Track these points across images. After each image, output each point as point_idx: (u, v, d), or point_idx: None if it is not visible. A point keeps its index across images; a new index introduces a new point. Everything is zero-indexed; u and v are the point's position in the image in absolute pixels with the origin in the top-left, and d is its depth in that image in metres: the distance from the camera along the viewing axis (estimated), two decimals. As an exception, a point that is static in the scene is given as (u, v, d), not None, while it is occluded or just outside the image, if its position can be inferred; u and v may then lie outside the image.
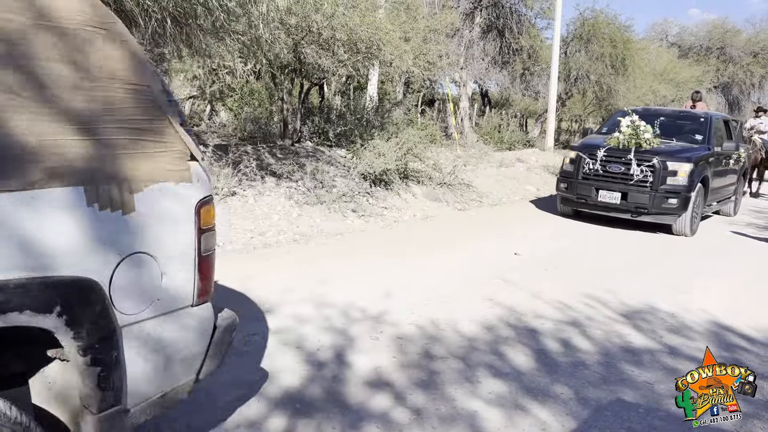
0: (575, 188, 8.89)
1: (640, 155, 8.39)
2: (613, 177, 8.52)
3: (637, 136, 8.60)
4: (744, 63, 31.50)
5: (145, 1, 5.92)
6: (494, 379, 3.58)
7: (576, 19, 20.54)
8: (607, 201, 8.50)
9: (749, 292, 5.93)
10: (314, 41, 9.08)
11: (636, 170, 8.28)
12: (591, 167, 8.69)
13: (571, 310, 4.93)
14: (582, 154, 8.85)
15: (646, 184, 8.27)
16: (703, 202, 8.82)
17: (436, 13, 15.23)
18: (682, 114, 10.56)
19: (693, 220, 8.47)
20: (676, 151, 8.69)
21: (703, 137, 9.32)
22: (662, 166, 8.23)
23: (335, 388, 3.32)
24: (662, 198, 8.21)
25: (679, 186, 8.23)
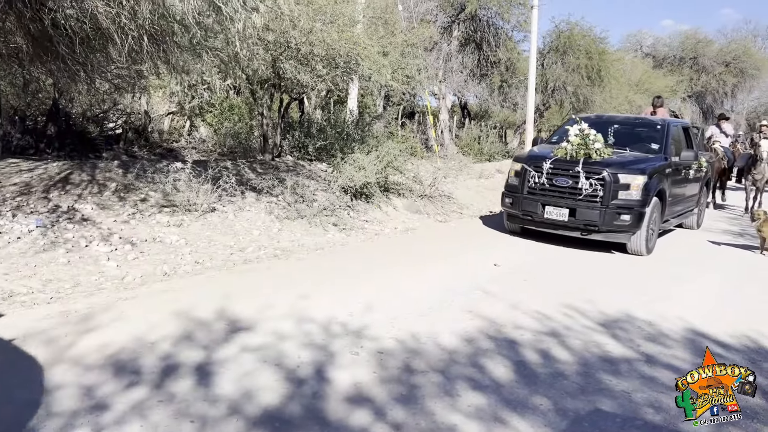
0: (520, 204, 8.10)
1: (589, 167, 7.62)
2: (561, 191, 7.76)
3: (587, 147, 7.83)
4: (716, 72, 32.13)
5: (121, 19, 5.91)
6: (474, 392, 3.60)
7: (552, 31, 20.81)
8: (554, 218, 7.72)
9: (725, 299, 6.03)
10: (293, 56, 9.12)
11: (584, 184, 7.52)
12: (537, 181, 7.91)
13: (550, 321, 4.97)
14: (527, 167, 8.05)
15: (595, 199, 7.51)
16: (660, 217, 8.16)
17: (414, 27, 15.37)
18: (637, 121, 9.88)
19: (649, 238, 7.76)
20: (628, 162, 7.92)
21: (659, 146, 8.56)
22: (613, 179, 7.49)
23: (315, 405, 3.32)
24: (614, 214, 7.44)
25: (632, 201, 7.49)
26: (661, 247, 8.51)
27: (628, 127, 9.26)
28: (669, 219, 8.78)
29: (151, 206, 7.40)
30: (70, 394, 3.26)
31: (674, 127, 9.22)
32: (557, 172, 7.80)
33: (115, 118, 12.40)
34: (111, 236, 6.33)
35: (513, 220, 8.53)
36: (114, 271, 5.50)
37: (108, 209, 7.11)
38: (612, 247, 7.94)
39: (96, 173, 8.19)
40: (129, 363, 3.66)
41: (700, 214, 10.52)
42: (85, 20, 5.81)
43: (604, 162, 7.70)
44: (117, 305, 4.65)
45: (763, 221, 8.24)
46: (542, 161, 7.93)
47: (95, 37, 6.34)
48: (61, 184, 7.59)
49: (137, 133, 11.97)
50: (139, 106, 12.25)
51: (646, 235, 7.61)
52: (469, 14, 18.60)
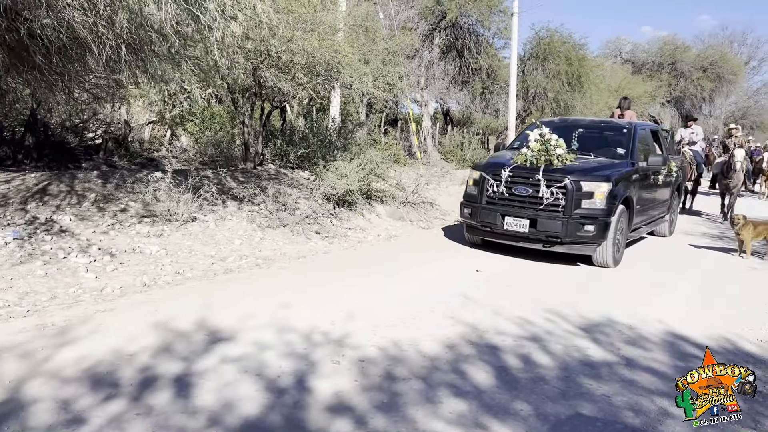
0: (479, 214, 7.58)
1: (550, 175, 7.11)
2: (521, 201, 7.26)
3: (548, 152, 7.33)
4: (694, 78, 32.64)
5: (98, 29, 5.87)
6: (455, 399, 3.60)
7: (532, 38, 21.04)
8: (514, 229, 7.21)
9: (703, 302, 6.09)
10: (273, 65, 9.11)
11: (545, 193, 7.02)
12: (495, 190, 7.39)
13: (531, 326, 4.99)
14: (486, 175, 7.54)
15: (557, 209, 7.01)
16: (628, 226, 7.74)
17: (395, 35, 15.44)
18: (603, 125, 9.34)
19: (616, 249, 7.33)
20: (592, 168, 7.42)
21: (626, 151, 8.07)
22: (575, 186, 7.00)
23: (296, 415, 3.30)
24: (577, 225, 6.96)
25: (596, 210, 7.01)
26: (641, 250, 8.59)
27: (594, 131, 8.80)
28: (638, 227, 8.37)
29: (131, 216, 7.33)
30: (46, 408, 3.21)
31: (641, 130, 8.77)
32: (517, 181, 7.31)
33: (94, 128, 12.29)
34: (90, 247, 6.25)
35: (472, 231, 8.03)
36: (92, 283, 5.44)
37: (87, 220, 7.03)
38: (578, 259, 7.54)
39: (75, 184, 8.10)
40: (107, 376, 3.61)
41: (672, 221, 10.14)
42: (62, 30, 5.76)
43: (566, 169, 7.21)
44: (95, 317, 4.60)
45: (742, 225, 8.35)
46: (501, 169, 7.44)
47: (72, 46, 6.29)
48: (39, 195, 7.50)
49: (117, 143, 11.87)
50: (119, 116, 12.16)
51: (612, 246, 7.19)
52: (450, 22, 18.74)
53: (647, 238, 9.61)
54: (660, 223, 9.58)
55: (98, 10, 5.66)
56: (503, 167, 7.45)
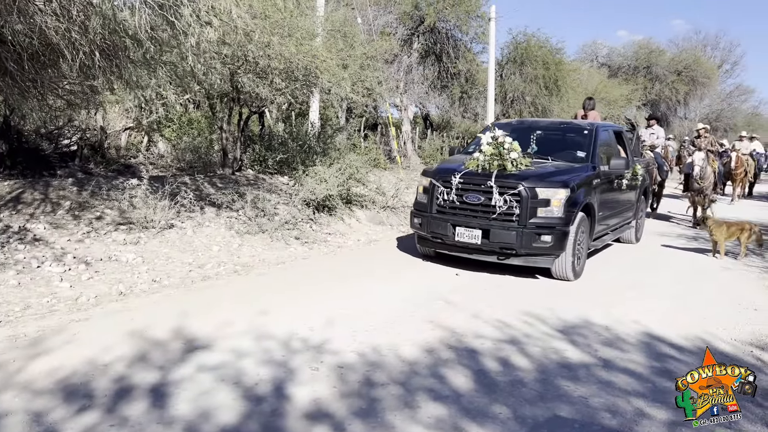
0: (429, 224, 7.02)
1: (503, 181, 6.60)
2: (473, 210, 6.72)
3: (501, 157, 6.79)
4: (669, 81, 33.15)
5: (71, 34, 5.80)
6: (434, 403, 3.60)
7: (510, 43, 21.23)
8: (466, 240, 6.67)
9: (679, 302, 6.17)
10: (251, 70, 9.07)
11: (498, 200, 6.50)
12: (446, 198, 6.84)
13: (510, 329, 5.02)
14: (435, 182, 6.98)
15: (511, 218, 6.51)
16: (589, 235, 7.23)
17: (374, 40, 15.46)
18: (563, 126, 8.82)
19: (576, 260, 6.80)
20: (548, 173, 6.92)
21: (586, 154, 7.56)
22: (530, 193, 6.49)
23: (273, 423, 3.27)
24: (532, 235, 6.46)
25: (553, 219, 6.51)
26: (623, 252, 8.68)
27: (553, 133, 8.33)
28: (601, 235, 7.89)
29: (107, 224, 7.24)
30: (18, 421, 3.15)
31: (604, 131, 8.27)
32: (468, 188, 6.76)
33: (69, 135, 12.11)
34: (64, 256, 6.16)
35: (424, 243, 7.43)
36: (67, 292, 5.36)
37: (62, 228, 6.93)
38: (536, 271, 7.01)
39: (49, 191, 7.98)
40: (81, 387, 3.56)
41: (639, 227, 9.72)
42: (34, 35, 5.69)
43: (520, 174, 6.69)
44: (69, 327, 4.52)
45: (714, 225, 8.49)
46: (451, 175, 6.86)
47: (45, 52, 6.21)
48: (12, 203, 7.38)
49: (93, 150, 11.71)
50: (95, 122, 12.00)
51: (572, 257, 6.66)
52: (428, 27, 18.81)
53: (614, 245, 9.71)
54: (626, 230, 9.12)
55: (71, 16, 5.60)
56: (454, 173, 6.86)
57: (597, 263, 7.89)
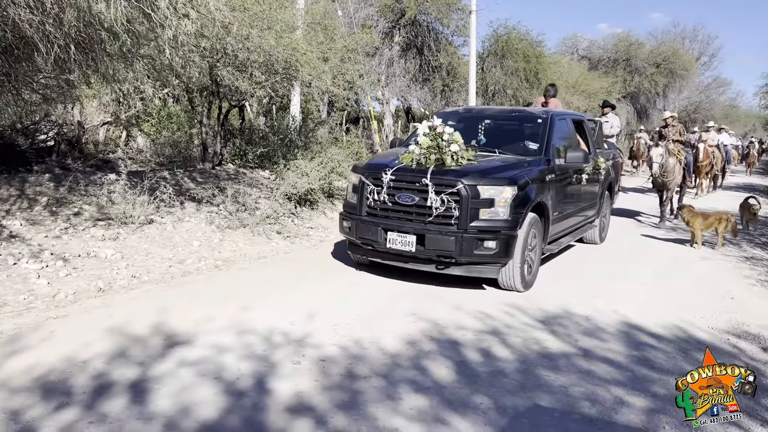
0: (358, 228, 6.09)
1: (440, 178, 5.72)
2: (406, 211, 5.84)
3: (440, 150, 5.94)
4: (648, 73, 33.43)
5: (45, 27, 5.70)
6: (416, 395, 3.61)
7: (491, 35, 21.27)
8: (399, 248, 5.77)
9: (656, 292, 6.25)
10: (230, 63, 8.99)
11: (435, 201, 5.65)
12: (376, 198, 5.96)
13: (491, 320, 5.05)
14: (365, 179, 6.08)
15: (449, 221, 5.64)
16: (543, 238, 6.39)
17: (355, 33, 15.40)
18: (514, 114, 7.94)
19: (526, 269, 5.98)
20: (493, 169, 6.05)
21: (539, 145, 6.76)
22: (471, 192, 5.63)
23: (255, 417, 3.26)
24: (474, 241, 5.58)
25: (497, 221, 5.65)
26: (604, 246, 8.76)
27: (503, 122, 7.52)
28: (558, 237, 7.10)
29: (85, 220, 7.14)
30: (-7, 421, 3.10)
31: (560, 120, 7.37)
32: (401, 186, 5.89)
33: (46, 130, 11.93)
34: (41, 253, 6.07)
35: (355, 249, 6.48)
36: (44, 289, 5.28)
37: (38, 225, 6.82)
38: (484, 281, 6.15)
39: (25, 187, 7.85)
40: (58, 384, 3.51)
41: (604, 225, 8.97)
42: (7, 28, 5.59)
43: (460, 170, 5.83)
44: (47, 324, 4.46)
45: (691, 216, 8.60)
46: (382, 172, 5.96)
47: (19, 45, 6.10)
48: (-13, 199, 7.25)
49: (71, 145, 11.56)
50: (72, 117, 11.83)
51: (520, 265, 5.84)
52: (409, 19, 18.78)
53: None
54: (588, 229, 8.38)
55: (45, 8, 5.50)
56: (385, 169, 5.95)
57: (580, 253, 7.96)
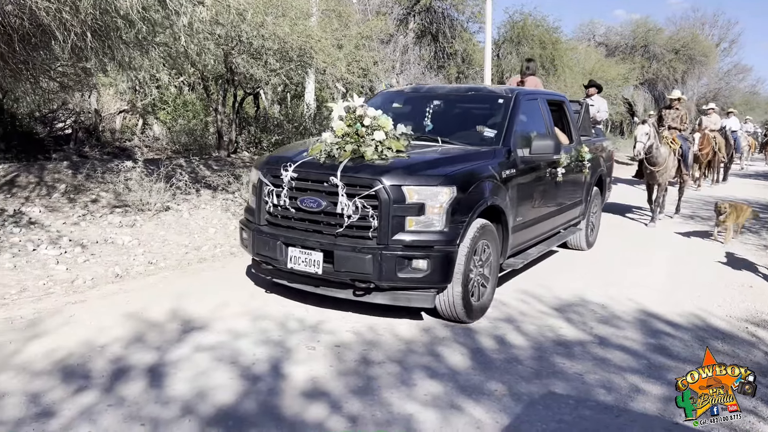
0: (255, 242, 4.76)
1: (353, 176, 4.30)
2: (312, 220, 4.46)
3: (359, 138, 4.53)
4: (667, 60, 33.00)
5: (62, 15, 5.73)
6: (430, 381, 3.62)
7: (506, 22, 21.12)
8: (303, 268, 4.42)
9: (673, 280, 6.19)
10: (245, 51, 9.01)
11: (346, 206, 4.24)
12: (276, 201, 4.57)
13: (506, 307, 5.03)
14: (263, 178, 4.68)
15: (366, 234, 4.25)
16: (500, 251, 4.99)
17: (369, 20, 15.33)
18: (470, 94, 6.28)
19: (476, 291, 4.64)
20: (425, 163, 4.62)
21: (497, 132, 5.33)
22: (394, 195, 4.21)
23: (270, 402, 3.29)
24: (397, 260, 4.19)
25: (430, 233, 4.28)
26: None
27: (457, 103, 6.11)
28: (524, 247, 5.69)
29: (103, 207, 7.22)
30: (15, 402, 3.15)
31: (529, 101, 5.96)
32: (305, 186, 4.48)
33: (64, 118, 12.07)
34: (60, 239, 6.15)
35: (258, 266, 5.10)
36: (63, 275, 5.35)
37: (57, 211, 6.91)
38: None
39: (44, 175, 7.95)
40: (78, 368, 3.57)
41: (593, 227, 7.60)
42: (25, 17, 5.63)
43: (380, 166, 4.38)
44: (66, 309, 4.53)
45: (730, 213, 8.06)
46: (282, 167, 4.53)
47: (36, 33, 6.15)
48: (7, 187, 7.35)
49: (88, 133, 11.68)
50: (89, 105, 11.94)
51: (463, 289, 4.44)
52: (424, 6, 18.66)
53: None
54: (570, 234, 6.94)
55: (61, -4, 5.53)
56: (286, 164, 4.52)
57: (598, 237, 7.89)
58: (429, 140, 5.32)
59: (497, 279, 5.05)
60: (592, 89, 10.21)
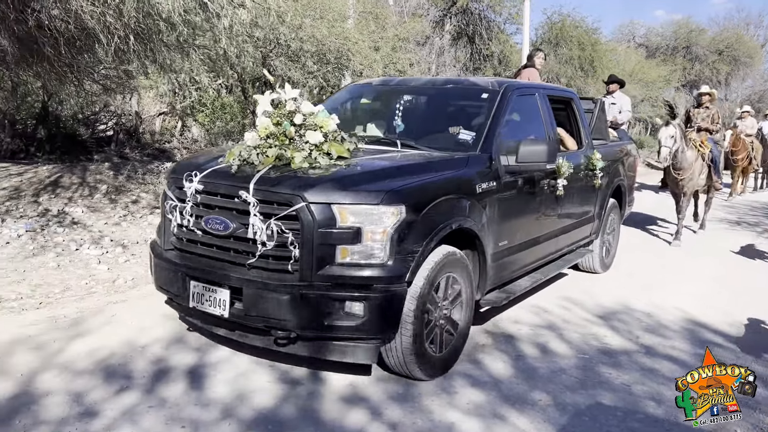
0: (156, 270, 3.87)
1: (269, 190, 3.31)
2: (221, 246, 3.50)
3: (284, 140, 3.59)
4: (710, 61, 32.15)
5: (106, 18, 5.83)
6: (472, 389, 3.54)
7: (544, 23, 20.85)
8: (207, 309, 3.46)
9: (721, 288, 5.97)
10: (283, 53, 9.06)
11: (259, 229, 3.26)
12: (179, 220, 3.64)
13: (548, 314, 4.92)
14: (168, 190, 3.79)
15: (285, 265, 3.27)
16: (475, 286, 3.97)
17: (405, 22, 15.29)
18: (448, 88, 5.14)
19: (430, 340, 3.56)
20: (364, 175, 3.55)
21: (476, 135, 4.31)
22: (320, 216, 3.20)
23: (310, 406, 3.25)
24: (325, 302, 3.22)
25: (371, 267, 3.26)
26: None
27: (433, 99, 5.10)
28: (516, 276, 4.71)
29: (143, 208, 7.32)
30: (58, 401, 3.18)
31: (522, 97, 4.88)
32: (212, 201, 3.53)
33: (105, 120, 12.32)
34: (102, 239, 6.24)
35: (170, 301, 3.99)
36: (105, 275, 5.42)
37: (99, 212, 7.03)
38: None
39: (86, 176, 8.11)
40: (119, 368, 3.59)
41: (608, 247, 6.46)
42: (70, 20, 5.74)
43: (307, 178, 3.37)
44: (107, 309, 4.58)
45: None
46: (188, 176, 3.58)
47: (81, 37, 6.27)
48: (51, 187, 7.51)
49: (128, 135, 11.89)
50: (130, 107, 12.16)
51: (413, 340, 3.40)
52: (460, 8, 18.54)
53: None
54: (579, 257, 5.92)
55: (106, 0, 5.62)
56: (194, 173, 3.57)
57: (637, 244, 7.66)
58: (389, 144, 4.34)
59: (471, 320, 3.95)
60: (614, 85, 9.12)
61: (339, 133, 3.74)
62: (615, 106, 8.59)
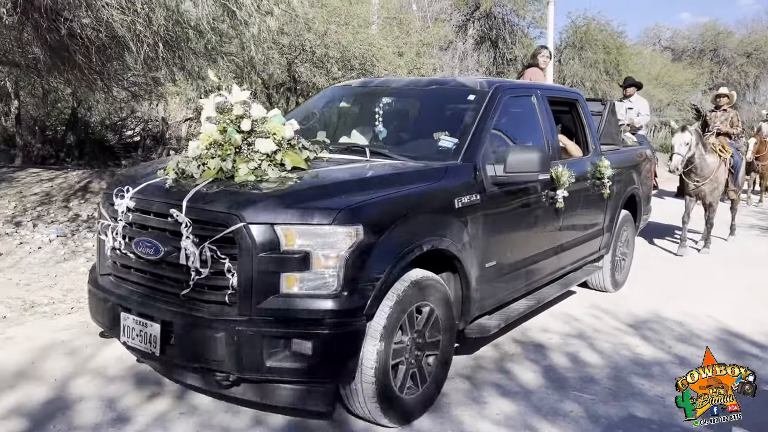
0: (90, 299, 3.47)
1: (203, 208, 2.84)
2: (153, 273, 3.04)
3: (229, 150, 3.13)
4: (738, 64, 31.64)
5: (136, 27, 5.91)
6: (502, 399, 3.50)
7: (569, 26, 20.71)
8: (137, 345, 2.99)
9: (754, 298, 5.85)
10: (308, 59, 9.11)
11: (192, 253, 2.77)
12: (111, 243, 3.16)
13: (577, 322, 4.86)
14: (101, 207, 3.37)
15: (221, 296, 2.79)
16: (457, 314, 3.51)
17: (429, 27, 15.29)
18: (432, 89, 4.59)
19: (397, 384, 3.07)
20: (319, 188, 3.08)
21: (460, 142, 3.82)
22: (262, 238, 2.71)
23: (338, 415, 3.24)
24: (266, 340, 2.73)
25: (322, 298, 2.77)
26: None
27: (416, 102, 4.69)
28: (511, 299, 4.19)
29: (170, 213, 7.39)
30: (91, 407, 3.22)
31: (515, 99, 4.38)
32: (144, 221, 3.07)
33: (133, 126, 12.50)
34: (131, 244, 6.31)
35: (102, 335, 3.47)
36: (134, 280, 5.48)
37: (127, 217, 7.11)
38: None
39: (115, 181, 8.21)
40: (150, 374, 3.61)
41: (620, 263, 5.90)
42: (101, 29, 5.84)
43: (247, 194, 2.92)
44: (137, 314, 4.62)
45: None
46: (119, 192, 3.14)
47: (111, 45, 6.37)
48: (81, 192, 7.63)
49: (155, 140, 12.06)
50: (157, 114, 12.33)
51: (376, 385, 2.93)
52: (483, 12, 18.50)
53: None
54: (585, 275, 5.37)
55: (136, 9, 5.70)
56: (127, 188, 3.13)
57: (664, 252, 7.53)
58: (359, 153, 3.84)
59: (451, 354, 3.47)
60: (631, 89, 8.60)
61: (298, 141, 3.34)
62: (632, 110, 8.25)
